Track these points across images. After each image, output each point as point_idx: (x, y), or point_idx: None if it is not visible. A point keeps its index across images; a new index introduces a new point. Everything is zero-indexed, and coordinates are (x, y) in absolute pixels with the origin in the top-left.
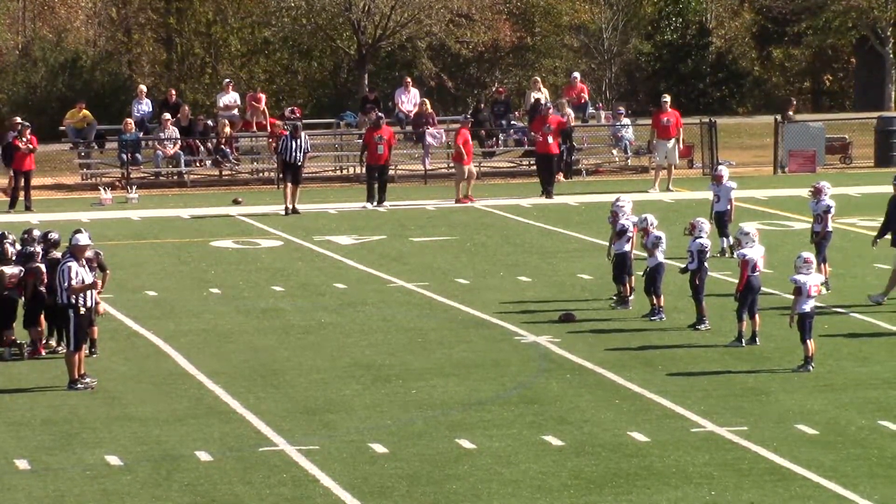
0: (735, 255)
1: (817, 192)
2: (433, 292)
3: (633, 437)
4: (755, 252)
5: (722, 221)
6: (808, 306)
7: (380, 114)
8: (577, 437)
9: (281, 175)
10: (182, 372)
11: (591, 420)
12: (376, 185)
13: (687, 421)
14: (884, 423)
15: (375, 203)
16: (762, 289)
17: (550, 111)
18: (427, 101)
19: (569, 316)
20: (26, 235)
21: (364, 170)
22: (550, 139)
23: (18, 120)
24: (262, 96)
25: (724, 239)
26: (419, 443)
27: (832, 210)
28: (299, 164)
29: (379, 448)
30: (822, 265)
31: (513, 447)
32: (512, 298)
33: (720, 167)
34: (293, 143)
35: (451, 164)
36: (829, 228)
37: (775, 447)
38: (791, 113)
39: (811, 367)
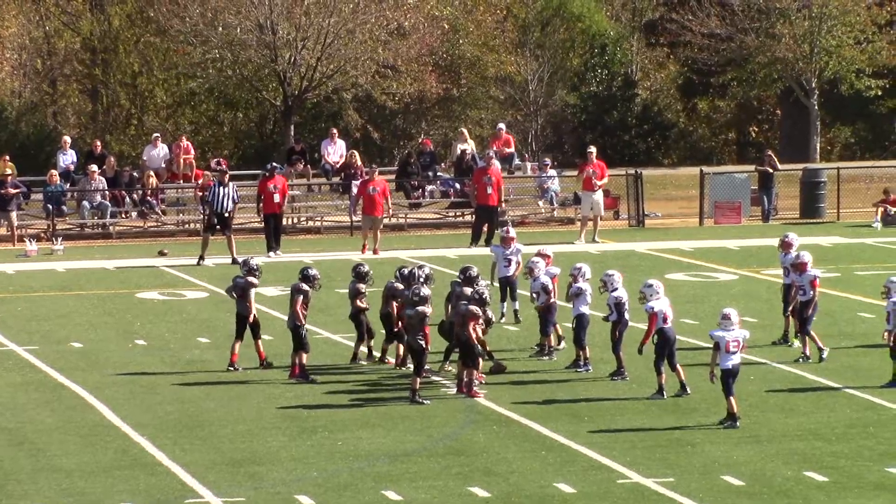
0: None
1: (787, 246)
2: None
3: (560, 489)
4: (662, 303)
5: (511, 286)
6: (730, 363)
7: (274, 164)
8: (504, 489)
9: (205, 224)
10: (108, 423)
11: (518, 471)
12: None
13: (613, 472)
14: (809, 473)
15: (275, 252)
16: (678, 339)
17: (493, 162)
18: (356, 153)
19: (498, 367)
20: None
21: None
22: (490, 190)
23: None
24: (189, 146)
25: (514, 303)
26: (345, 494)
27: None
28: (228, 213)
29: (305, 500)
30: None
31: (439, 499)
32: (438, 349)
33: (508, 228)
34: (221, 190)
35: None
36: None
37: (701, 498)
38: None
39: (738, 424)
